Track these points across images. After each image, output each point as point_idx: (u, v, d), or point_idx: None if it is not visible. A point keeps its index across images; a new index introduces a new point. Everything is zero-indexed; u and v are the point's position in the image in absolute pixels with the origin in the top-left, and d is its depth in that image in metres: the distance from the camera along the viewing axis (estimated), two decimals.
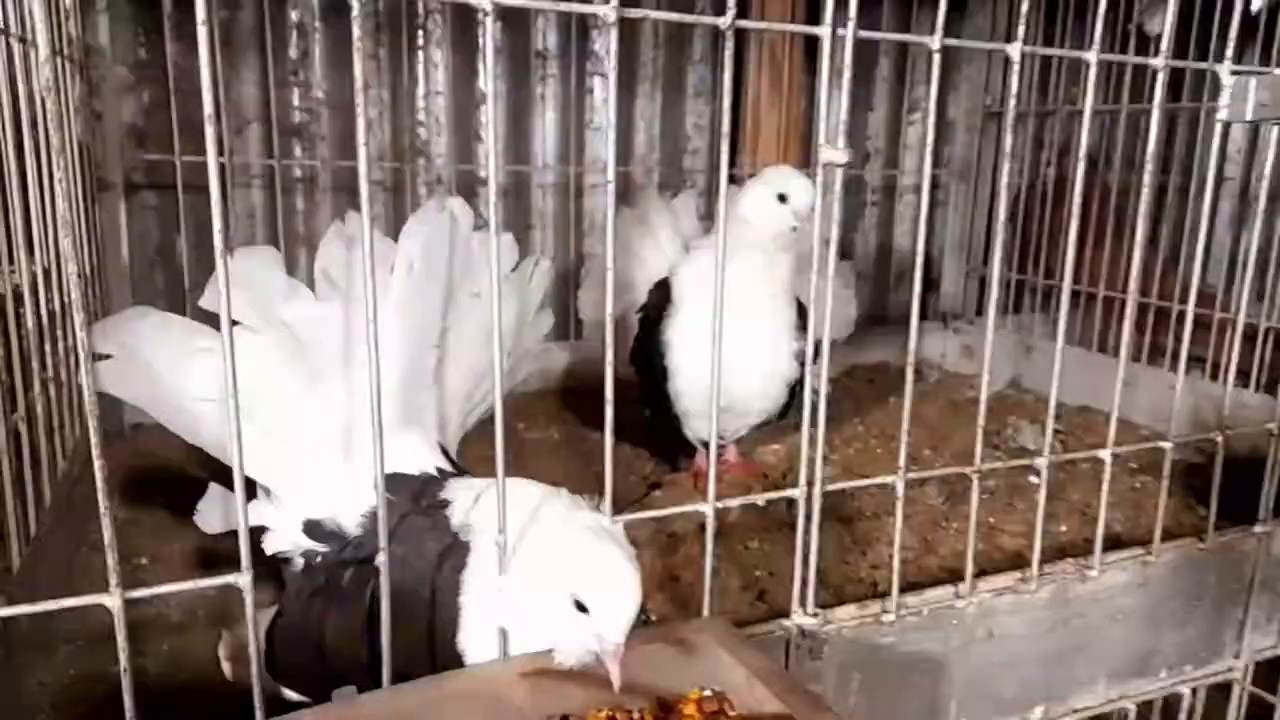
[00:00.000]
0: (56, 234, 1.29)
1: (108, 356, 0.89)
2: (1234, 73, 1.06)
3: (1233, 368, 1.26)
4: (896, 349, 2.41)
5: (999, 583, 1.04)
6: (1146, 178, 1.04)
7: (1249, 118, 1.05)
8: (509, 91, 2.26)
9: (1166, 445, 1.13)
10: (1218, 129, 1.13)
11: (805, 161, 2.25)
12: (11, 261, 1.12)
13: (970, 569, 1.01)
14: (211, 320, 0.73)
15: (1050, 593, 1.06)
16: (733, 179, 2.18)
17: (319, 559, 0.90)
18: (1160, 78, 1.00)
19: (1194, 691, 1.19)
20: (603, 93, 2.32)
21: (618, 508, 0.80)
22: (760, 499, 0.96)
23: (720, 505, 0.84)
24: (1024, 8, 0.90)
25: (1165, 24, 1.05)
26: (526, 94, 2.27)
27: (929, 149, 0.91)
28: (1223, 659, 1.21)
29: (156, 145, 1.94)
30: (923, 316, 2.63)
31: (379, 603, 0.75)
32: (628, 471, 1.76)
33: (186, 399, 0.89)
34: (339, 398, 0.90)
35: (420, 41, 2.15)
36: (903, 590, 0.98)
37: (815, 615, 0.91)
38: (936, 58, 0.86)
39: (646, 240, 1.72)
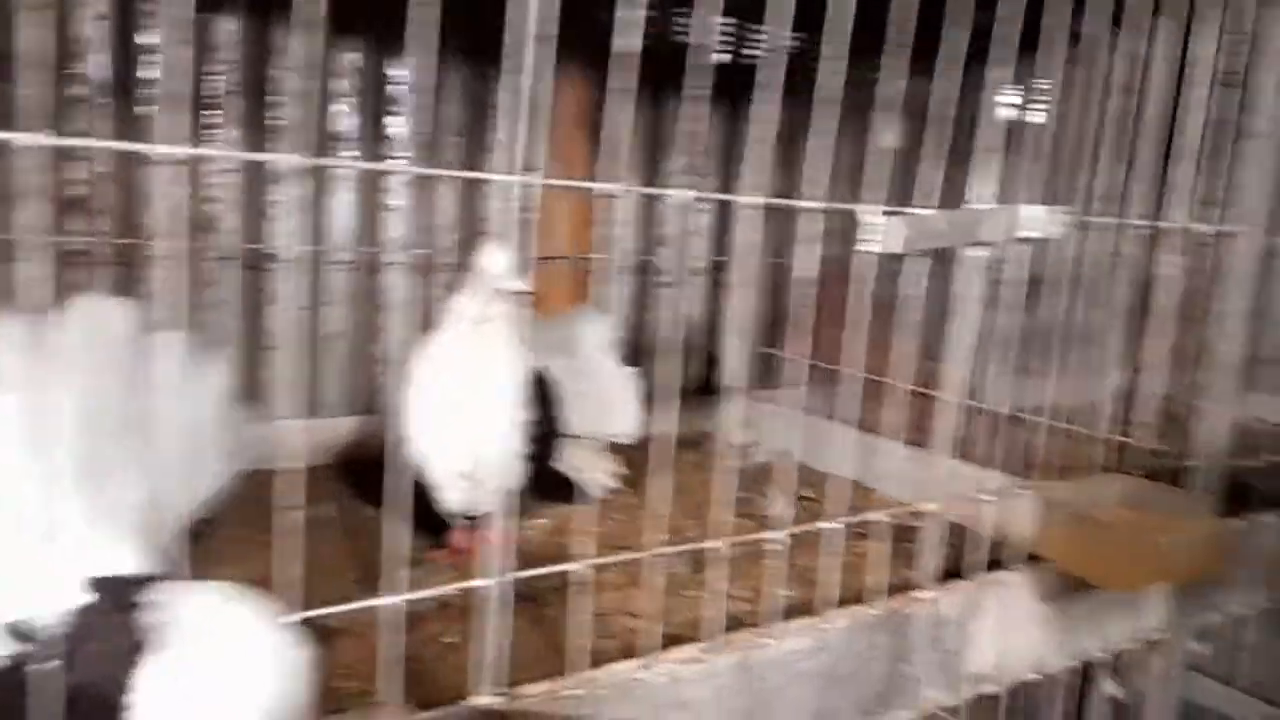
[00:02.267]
0: None
1: None
2: (885, 213, 1.26)
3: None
4: (680, 421, 2.57)
5: (684, 654, 1.17)
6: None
7: (898, 250, 1.25)
8: (305, 171, 2.31)
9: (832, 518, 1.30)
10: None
11: (587, 246, 2.42)
12: None
13: (660, 643, 1.14)
14: None
15: (735, 660, 1.21)
16: None
17: (12, 661, 0.92)
18: (820, 218, 1.19)
19: None
20: (400, 176, 2.42)
21: (369, 586, 0.90)
22: (452, 589, 1.06)
23: (406, 599, 0.94)
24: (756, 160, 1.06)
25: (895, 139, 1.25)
26: (321, 173, 2.34)
27: None
28: (898, 711, 1.39)
29: None
30: (706, 390, 2.85)
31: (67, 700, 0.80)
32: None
33: None
34: (37, 494, 0.94)
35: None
36: (621, 658, 1.10)
37: (501, 695, 1.01)
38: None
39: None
